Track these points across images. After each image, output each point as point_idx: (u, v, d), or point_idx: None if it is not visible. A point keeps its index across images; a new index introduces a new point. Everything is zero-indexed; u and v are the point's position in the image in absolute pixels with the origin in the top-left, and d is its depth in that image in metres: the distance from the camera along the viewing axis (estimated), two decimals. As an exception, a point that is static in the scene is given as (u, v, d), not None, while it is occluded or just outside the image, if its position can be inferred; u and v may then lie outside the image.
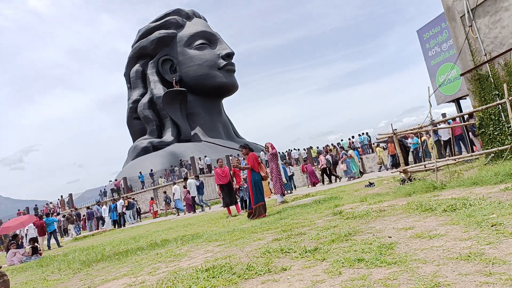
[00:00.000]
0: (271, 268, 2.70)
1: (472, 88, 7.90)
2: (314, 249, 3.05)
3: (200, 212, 16.33)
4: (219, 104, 36.40)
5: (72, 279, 4.54)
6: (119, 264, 4.75)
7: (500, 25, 7.22)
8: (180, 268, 3.49)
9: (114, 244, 8.65)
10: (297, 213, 6.25)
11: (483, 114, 7.66)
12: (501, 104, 6.76)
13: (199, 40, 32.91)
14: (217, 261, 3.34)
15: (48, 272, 5.82)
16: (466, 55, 7.99)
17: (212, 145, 32.24)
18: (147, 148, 31.76)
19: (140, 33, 34.82)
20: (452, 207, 3.72)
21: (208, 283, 2.61)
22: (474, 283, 1.78)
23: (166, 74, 33.15)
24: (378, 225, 3.68)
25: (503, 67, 7.19)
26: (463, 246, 2.40)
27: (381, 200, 5.55)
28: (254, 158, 7.65)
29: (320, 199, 8.10)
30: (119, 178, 30.57)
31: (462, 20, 7.96)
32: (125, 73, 36.16)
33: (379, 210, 4.53)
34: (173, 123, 32.49)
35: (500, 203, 3.50)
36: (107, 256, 6.13)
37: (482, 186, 4.96)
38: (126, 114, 35.35)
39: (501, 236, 2.45)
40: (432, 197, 4.81)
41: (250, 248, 3.75)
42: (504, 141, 7.18)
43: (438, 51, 11.64)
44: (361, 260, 2.46)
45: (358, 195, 7.54)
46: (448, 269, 2.03)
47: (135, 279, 3.41)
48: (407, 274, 2.06)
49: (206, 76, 32.30)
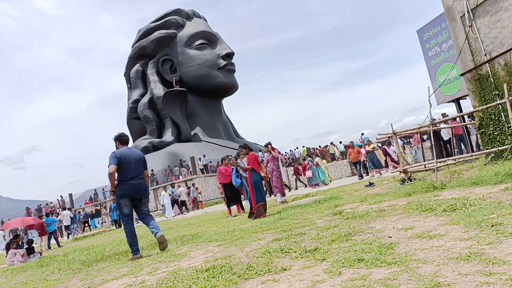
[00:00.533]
0: (271, 268, 2.69)
1: (472, 88, 7.90)
2: (314, 249, 3.05)
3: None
4: (219, 104, 36.40)
5: (72, 279, 4.54)
6: (119, 264, 4.75)
7: (500, 25, 7.22)
8: (180, 268, 3.49)
9: (114, 244, 8.65)
10: (297, 213, 6.26)
11: (483, 114, 7.66)
12: (501, 104, 6.77)
13: (199, 40, 32.90)
14: (217, 261, 3.34)
15: (48, 272, 5.81)
16: (466, 55, 7.99)
17: (212, 145, 32.23)
18: (147, 148, 31.75)
19: (140, 33, 34.83)
20: (452, 207, 3.72)
21: (208, 283, 2.61)
22: (474, 283, 1.78)
23: (166, 74, 33.14)
24: (378, 225, 3.68)
25: (503, 67, 7.19)
26: (463, 246, 2.40)
27: (381, 200, 5.55)
28: (254, 158, 7.65)
29: (320, 199, 8.11)
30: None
31: (462, 20, 7.96)
32: (125, 73, 36.16)
33: (379, 210, 4.53)
34: (173, 123, 32.49)
35: (500, 203, 3.50)
36: (107, 256, 6.13)
37: (482, 186, 4.96)
38: (126, 114, 35.36)
39: (501, 236, 2.45)
40: (432, 197, 4.81)
41: (250, 248, 3.75)
42: (504, 141, 7.18)
43: (438, 51, 11.65)
44: (361, 260, 2.46)
45: (358, 195, 7.54)
46: (448, 269, 2.03)
47: (135, 279, 3.41)
48: (407, 274, 2.06)
49: (206, 76, 32.29)
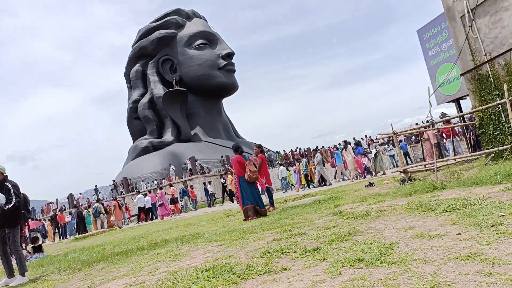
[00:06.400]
0: (271, 268, 2.70)
1: (472, 88, 7.90)
2: (314, 249, 3.05)
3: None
4: (219, 104, 36.40)
5: (72, 279, 4.54)
6: (119, 264, 4.75)
7: (500, 25, 7.22)
8: (180, 268, 3.49)
9: (114, 244, 8.65)
10: (297, 213, 6.25)
11: (483, 114, 7.65)
12: (501, 104, 6.76)
13: (199, 40, 32.90)
14: (217, 261, 3.34)
15: (48, 272, 5.82)
16: (466, 55, 7.99)
17: (212, 145, 32.24)
18: (147, 148, 31.77)
19: (140, 33, 34.83)
20: (452, 207, 3.72)
21: (208, 283, 2.61)
22: (474, 283, 1.78)
23: (166, 74, 33.14)
24: (378, 225, 3.68)
25: (503, 67, 7.19)
26: (463, 246, 2.40)
27: (381, 200, 5.55)
28: (237, 162, 7.65)
29: (320, 199, 8.10)
30: (120, 178, 30.57)
31: (462, 20, 7.96)
32: (125, 73, 36.17)
33: (379, 210, 4.53)
34: (173, 123, 32.49)
35: (500, 203, 3.50)
36: (107, 256, 6.13)
37: (482, 186, 4.96)
38: (126, 114, 35.36)
39: (501, 236, 2.45)
40: (432, 197, 4.81)
41: (250, 248, 3.75)
42: (504, 141, 7.18)
43: (438, 51, 11.65)
44: (361, 260, 2.46)
45: (358, 195, 7.54)
46: (448, 269, 2.03)
47: (135, 279, 3.42)
48: (407, 274, 2.06)
49: (206, 76, 32.28)
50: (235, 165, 7.67)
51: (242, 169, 7.58)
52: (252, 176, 7.50)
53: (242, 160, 7.72)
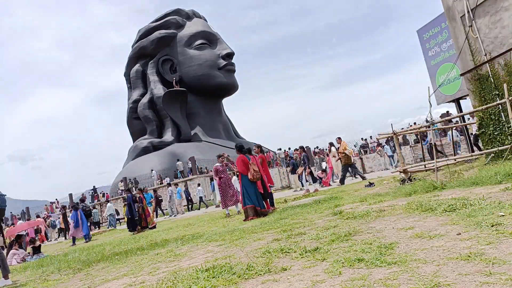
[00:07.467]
0: (271, 268, 2.70)
1: (472, 88, 7.90)
2: (314, 249, 3.05)
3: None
4: (219, 104, 36.40)
5: (72, 279, 4.54)
6: (119, 264, 4.75)
7: (500, 25, 7.22)
8: (180, 268, 3.49)
9: (114, 244, 8.65)
10: (297, 213, 6.25)
11: (483, 114, 7.65)
12: (501, 104, 6.76)
13: (199, 40, 32.90)
14: (217, 261, 3.35)
15: (48, 272, 5.82)
16: (466, 55, 7.99)
17: (212, 145, 32.22)
18: (147, 148, 31.77)
19: (140, 33, 34.83)
20: (452, 207, 3.72)
21: (208, 283, 2.61)
22: (474, 283, 1.78)
23: (166, 74, 33.14)
24: (378, 225, 3.68)
25: (503, 67, 7.19)
26: (463, 246, 2.40)
27: (381, 200, 5.55)
28: (241, 161, 7.65)
29: (320, 199, 8.10)
30: (120, 178, 30.56)
31: (462, 20, 7.96)
32: (125, 73, 36.17)
33: (379, 210, 4.53)
34: (173, 123, 32.49)
35: (500, 203, 3.50)
36: (107, 256, 6.13)
37: (482, 186, 4.96)
38: (126, 114, 35.37)
39: (501, 236, 2.45)
40: (432, 197, 4.81)
41: (250, 248, 3.75)
42: (504, 141, 7.18)
43: (438, 51, 11.64)
44: (361, 260, 2.46)
45: (358, 195, 7.54)
46: (448, 269, 2.02)
47: (135, 279, 3.42)
48: (407, 274, 2.06)
49: (206, 76, 32.28)
50: (239, 164, 7.66)
51: (246, 168, 7.60)
52: (256, 176, 7.54)
53: (245, 159, 7.74)
